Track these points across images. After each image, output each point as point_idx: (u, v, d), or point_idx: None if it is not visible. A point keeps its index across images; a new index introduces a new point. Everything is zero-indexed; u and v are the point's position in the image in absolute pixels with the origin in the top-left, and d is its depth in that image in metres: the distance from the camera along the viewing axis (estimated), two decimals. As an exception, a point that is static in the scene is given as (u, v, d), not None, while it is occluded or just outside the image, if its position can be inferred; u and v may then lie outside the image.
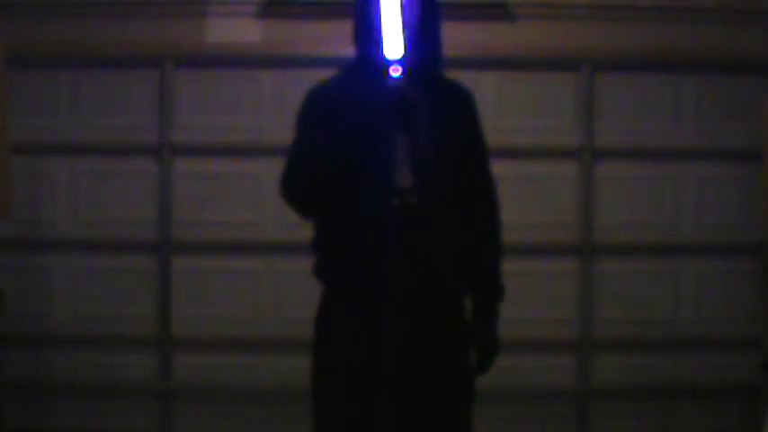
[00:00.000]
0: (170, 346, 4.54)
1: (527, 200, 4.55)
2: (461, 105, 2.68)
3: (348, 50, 2.62)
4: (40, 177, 4.55)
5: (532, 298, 4.49)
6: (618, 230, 4.60)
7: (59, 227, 4.55)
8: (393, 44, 2.48)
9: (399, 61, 2.50)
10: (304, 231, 2.67)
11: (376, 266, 2.48)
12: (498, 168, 4.64)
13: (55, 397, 4.55)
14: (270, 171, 2.70)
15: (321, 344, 2.63)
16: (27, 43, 4.40)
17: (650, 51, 4.58)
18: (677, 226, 4.65)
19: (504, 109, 4.57)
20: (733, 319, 4.62)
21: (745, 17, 4.58)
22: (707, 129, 4.64)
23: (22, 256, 4.55)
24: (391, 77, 2.51)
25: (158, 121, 4.54)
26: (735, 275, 4.63)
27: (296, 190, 2.57)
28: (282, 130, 2.66)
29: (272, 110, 4.51)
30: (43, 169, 4.55)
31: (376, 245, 2.48)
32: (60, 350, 4.54)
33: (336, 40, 4.21)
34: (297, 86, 2.66)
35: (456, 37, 4.51)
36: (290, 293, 4.47)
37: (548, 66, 4.59)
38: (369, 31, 2.55)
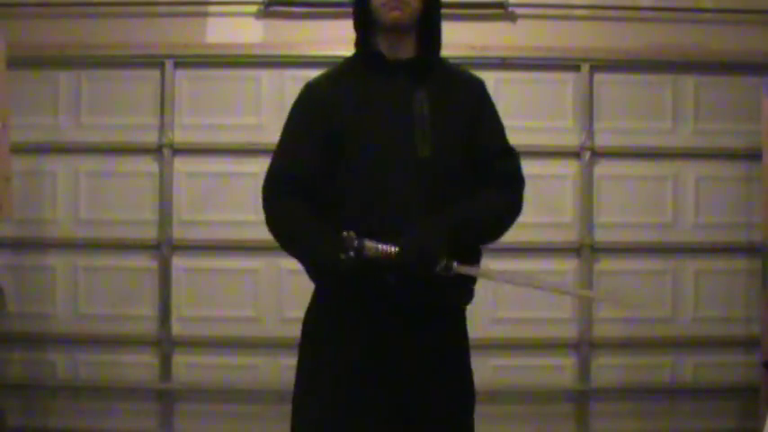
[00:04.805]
0: (170, 346, 4.54)
1: (527, 200, 4.52)
2: (469, 97, 2.55)
3: (347, 51, 2.61)
4: (41, 177, 4.55)
5: (532, 298, 4.49)
6: (617, 230, 4.61)
7: (60, 226, 4.55)
8: None
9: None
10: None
11: (374, 272, 2.36)
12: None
13: (55, 397, 4.55)
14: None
15: (311, 346, 2.52)
16: (27, 43, 4.40)
17: (650, 51, 4.59)
18: (676, 225, 4.65)
19: (504, 109, 4.51)
20: (732, 318, 4.62)
21: (744, 17, 4.58)
22: (706, 128, 4.65)
23: (23, 256, 4.55)
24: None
25: (158, 121, 4.54)
26: (734, 275, 4.63)
27: (280, 239, 2.50)
28: (283, 130, 2.65)
29: (272, 110, 4.50)
30: (44, 169, 4.55)
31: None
32: (61, 350, 4.54)
33: (336, 40, 4.25)
34: (297, 86, 2.65)
35: (456, 37, 4.56)
36: (289, 293, 4.47)
37: (548, 66, 4.60)
38: (366, 25, 2.48)
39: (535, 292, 4.52)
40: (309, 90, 2.55)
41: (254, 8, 4.56)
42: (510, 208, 2.56)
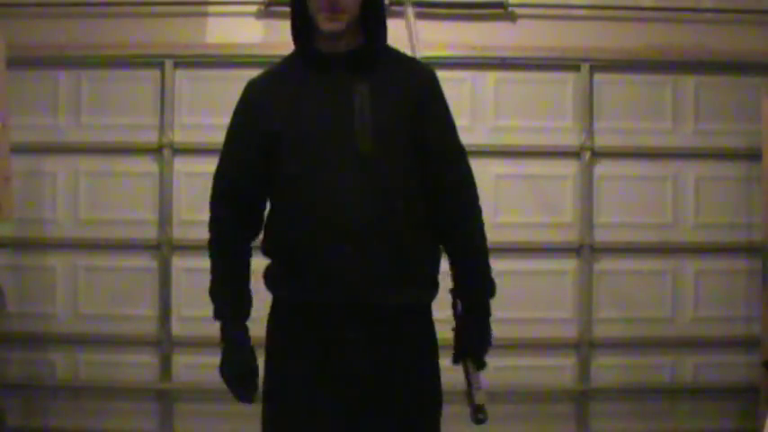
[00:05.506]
0: (170, 346, 4.54)
1: (527, 200, 4.56)
2: (415, 87, 2.38)
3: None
4: (41, 177, 4.54)
5: (532, 298, 4.50)
6: (617, 230, 4.61)
7: (60, 226, 4.55)
8: None
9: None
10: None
11: (327, 277, 2.31)
12: (498, 168, 4.69)
13: (55, 397, 4.55)
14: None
15: (273, 360, 2.47)
16: (27, 43, 4.40)
17: (650, 51, 4.59)
18: (676, 225, 4.65)
19: (504, 109, 4.58)
20: (732, 318, 4.62)
21: (744, 17, 4.58)
22: (706, 129, 4.65)
23: (23, 256, 4.55)
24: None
25: (158, 121, 4.54)
26: (734, 275, 4.63)
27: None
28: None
29: (272, 110, 4.50)
30: (43, 169, 4.55)
31: (327, 254, 2.30)
32: (61, 350, 4.54)
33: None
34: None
35: (456, 37, 4.57)
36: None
37: (548, 66, 4.60)
38: (304, 23, 2.39)
39: (535, 293, 4.54)
40: (248, 89, 2.48)
41: (254, 8, 4.55)
42: (480, 227, 2.47)
